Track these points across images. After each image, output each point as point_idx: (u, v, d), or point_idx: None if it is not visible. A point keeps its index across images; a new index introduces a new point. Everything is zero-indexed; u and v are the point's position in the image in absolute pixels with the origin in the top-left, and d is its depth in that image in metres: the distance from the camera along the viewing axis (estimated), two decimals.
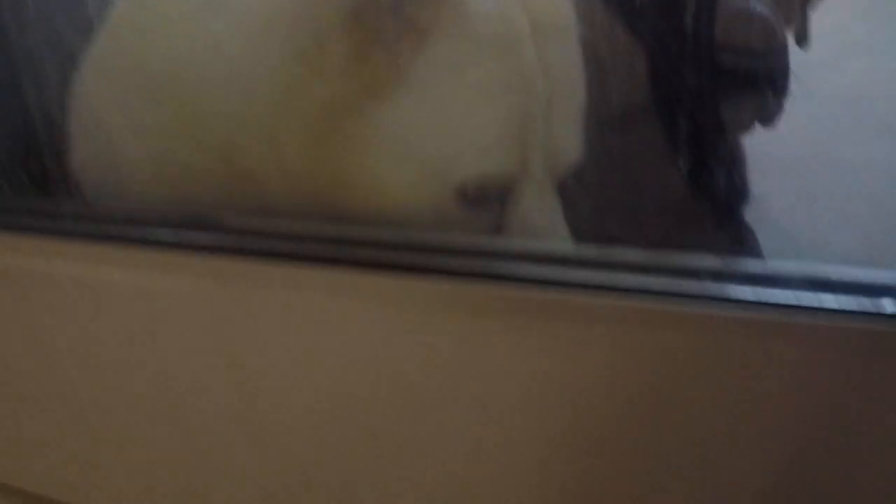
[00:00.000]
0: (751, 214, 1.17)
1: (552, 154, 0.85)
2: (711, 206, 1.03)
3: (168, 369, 0.81)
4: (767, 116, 1.12)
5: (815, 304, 0.68)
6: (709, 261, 0.72)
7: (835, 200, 1.25)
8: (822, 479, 0.72)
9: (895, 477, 0.68)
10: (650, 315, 0.70)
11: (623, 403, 0.72)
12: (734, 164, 1.13)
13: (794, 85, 1.10)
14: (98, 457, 0.90)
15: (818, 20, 1.19)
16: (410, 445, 0.78)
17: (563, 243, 0.77)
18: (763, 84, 1.07)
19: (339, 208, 0.82)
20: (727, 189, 1.05)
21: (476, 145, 0.82)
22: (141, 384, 0.83)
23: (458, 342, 0.72)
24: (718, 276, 0.71)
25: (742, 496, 0.73)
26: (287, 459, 0.82)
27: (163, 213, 0.79)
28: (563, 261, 0.73)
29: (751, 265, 0.72)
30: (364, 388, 0.76)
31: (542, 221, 0.83)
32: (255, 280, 0.75)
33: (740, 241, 1.13)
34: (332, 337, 0.75)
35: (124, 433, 0.87)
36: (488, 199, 0.84)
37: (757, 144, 1.17)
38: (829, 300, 0.68)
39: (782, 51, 1.09)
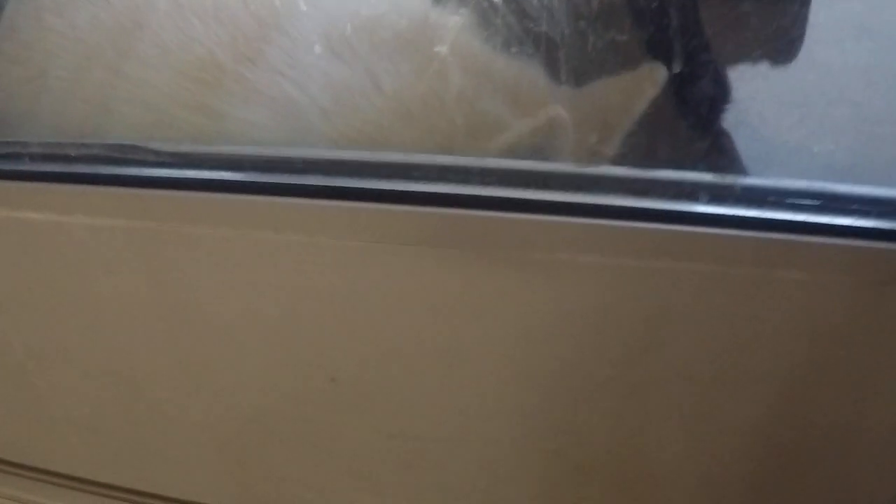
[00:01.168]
0: (727, 120, 1.05)
1: None
2: (688, 112, 0.91)
3: (103, 315, 0.70)
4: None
5: (825, 224, 0.58)
6: (706, 178, 0.60)
7: (814, 105, 1.14)
8: (827, 411, 0.63)
9: None
10: (642, 239, 0.59)
11: (614, 335, 0.63)
12: (713, 67, 1.01)
13: None
14: (40, 412, 0.79)
15: None
16: (372, 388, 0.67)
17: (538, 162, 0.66)
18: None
19: None
20: (705, 93, 0.93)
21: None
22: (75, 331, 0.72)
23: (422, 274, 0.61)
24: (717, 195, 0.60)
25: (741, 431, 0.64)
26: (239, 405, 0.72)
27: (83, 147, 0.65)
28: (541, 181, 0.62)
29: (752, 183, 0.61)
30: (316, 326, 0.65)
31: None
32: (193, 213, 0.63)
33: (717, 148, 1.02)
34: (278, 272, 0.64)
35: (64, 386, 0.76)
36: None
37: None
38: (842, 220, 0.58)
39: None
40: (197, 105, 0.72)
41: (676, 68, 0.89)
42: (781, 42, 0.99)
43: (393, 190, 0.60)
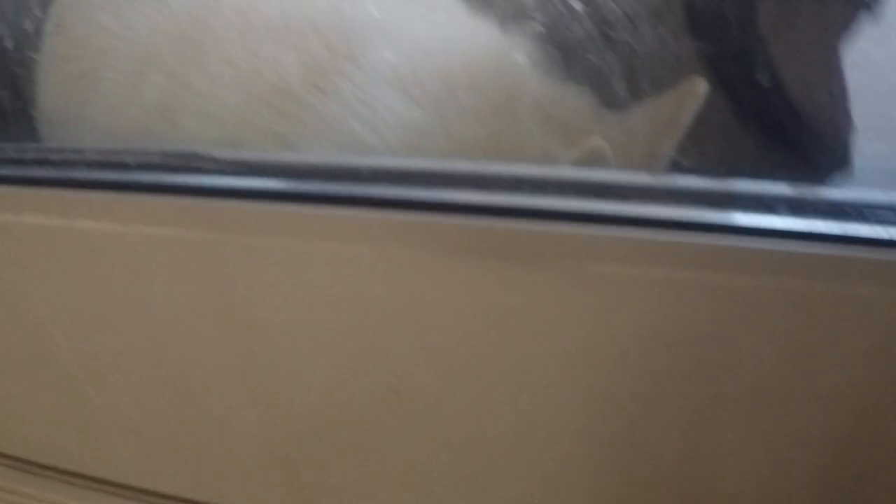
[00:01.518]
0: None
1: None
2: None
3: (158, 325, 0.68)
4: None
5: None
6: (783, 189, 0.58)
7: (864, 104, 1.11)
8: None
9: None
10: (717, 254, 0.57)
11: (686, 350, 0.60)
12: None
13: None
14: (91, 420, 0.77)
15: None
16: (438, 401, 0.65)
17: (608, 172, 0.64)
18: None
19: None
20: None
21: None
22: (129, 341, 0.70)
23: (490, 287, 0.59)
24: (796, 207, 0.57)
25: (814, 449, 0.62)
26: (297, 415, 0.70)
27: (141, 154, 0.63)
28: (606, 192, 0.59)
29: (831, 194, 0.58)
30: (382, 339, 0.64)
31: None
32: (255, 224, 0.61)
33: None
34: (343, 284, 0.62)
35: (116, 395, 0.74)
36: None
37: None
38: None
39: None
40: (265, 130, 0.70)
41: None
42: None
43: (460, 202, 0.58)
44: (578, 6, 0.70)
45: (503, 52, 0.71)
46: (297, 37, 0.72)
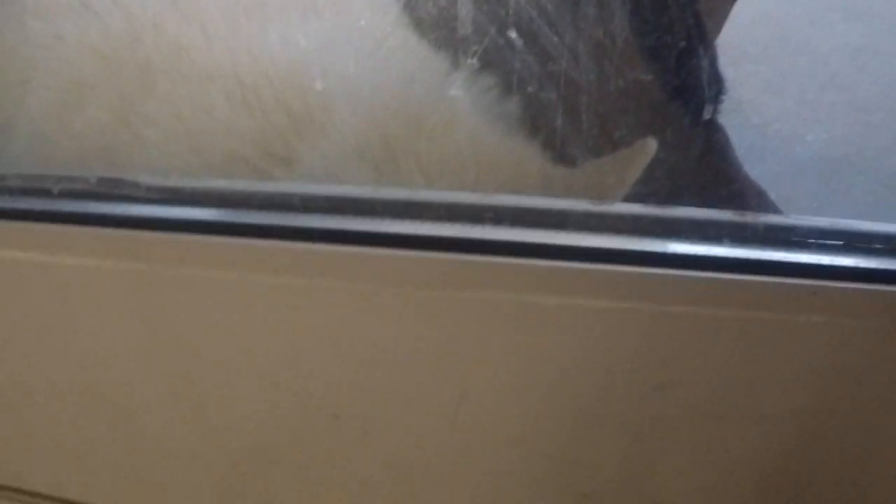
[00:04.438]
0: (721, 109, 0.99)
1: None
2: (684, 101, 0.85)
3: (91, 351, 0.64)
4: None
5: (846, 266, 0.53)
6: (726, 217, 0.55)
7: (806, 90, 1.08)
8: (840, 451, 0.59)
9: None
10: (658, 285, 0.54)
11: (627, 376, 0.58)
12: (707, 55, 0.94)
13: None
14: (27, 437, 0.73)
15: None
16: (375, 423, 0.62)
17: (552, 200, 0.60)
18: None
19: None
20: (700, 83, 0.87)
21: None
22: (62, 366, 0.66)
23: (429, 317, 0.57)
24: (736, 235, 0.54)
25: (754, 468, 0.61)
26: (234, 439, 0.67)
27: (66, 181, 0.58)
28: (545, 222, 0.56)
29: (772, 221, 0.56)
30: (319, 365, 0.60)
31: None
32: (185, 256, 0.57)
33: (711, 142, 0.96)
34: (276, 314, 0.58)
35: (52, 415, 0.70)
36: None
37: (722, 32, 0.99)
38: (866, 262, 0.54)
39: None
40: None
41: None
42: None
43: (393, 232, 0.54)
44: (538, 67, 0.66)
45: (461, 107, 0.65)
46: (252, 95, 0.64)
